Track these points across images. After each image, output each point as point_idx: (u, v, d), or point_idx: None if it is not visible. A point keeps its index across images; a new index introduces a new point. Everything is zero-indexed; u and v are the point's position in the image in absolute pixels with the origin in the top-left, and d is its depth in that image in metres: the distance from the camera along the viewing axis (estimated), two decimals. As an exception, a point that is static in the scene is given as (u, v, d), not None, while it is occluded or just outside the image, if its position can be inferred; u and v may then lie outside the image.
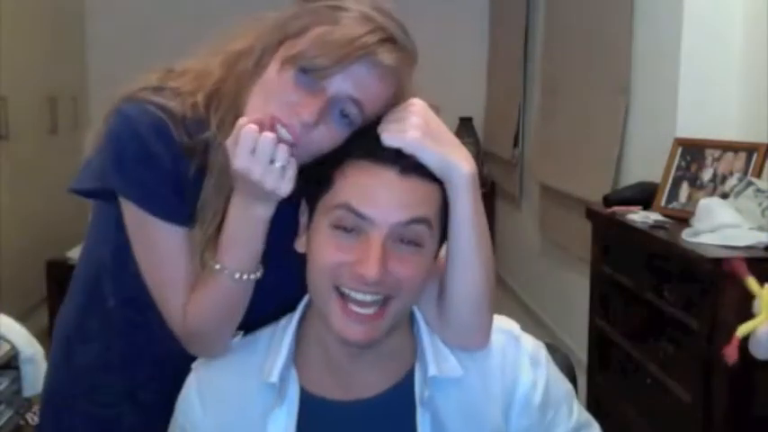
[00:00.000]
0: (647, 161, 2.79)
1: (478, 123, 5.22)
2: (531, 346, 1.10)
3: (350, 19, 0.96)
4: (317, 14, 0.97)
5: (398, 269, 0.94)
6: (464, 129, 5.13)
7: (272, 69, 0.97)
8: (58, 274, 3.46)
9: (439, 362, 1.03)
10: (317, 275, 0.97)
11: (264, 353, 1.04)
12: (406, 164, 0.94)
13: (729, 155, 2.35)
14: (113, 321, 1.18)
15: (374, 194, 0.93)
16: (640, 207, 2.46)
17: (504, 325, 1.11)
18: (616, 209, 2.48)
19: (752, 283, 1.38)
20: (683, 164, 2.47)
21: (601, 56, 3.24)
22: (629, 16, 2.96)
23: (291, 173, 0.93)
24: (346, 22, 0.96)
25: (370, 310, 0.95)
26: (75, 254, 3.53)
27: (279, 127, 0.94)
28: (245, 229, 0.99)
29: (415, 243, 0.96)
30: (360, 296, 0.94)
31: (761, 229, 2.02)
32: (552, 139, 3.89)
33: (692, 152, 2.46)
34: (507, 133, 4.69)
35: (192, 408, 1.05)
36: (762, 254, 1.94)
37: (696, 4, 2.55)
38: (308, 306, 1.07)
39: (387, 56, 0.96)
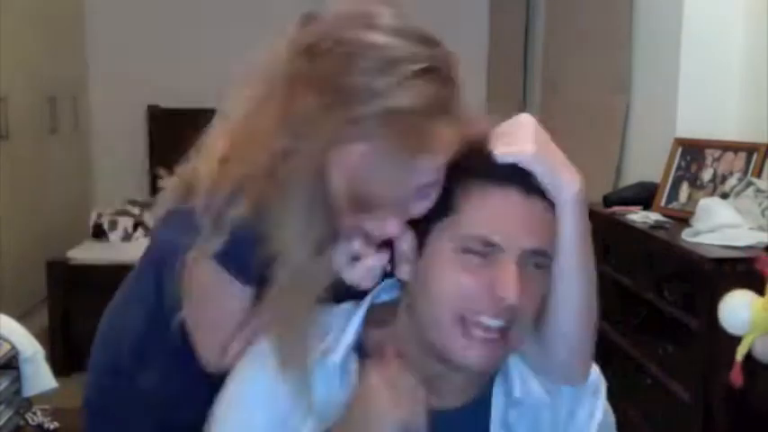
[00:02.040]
0: (647, 161, 2.79)
1: (478, 123, 5.22)
2: (595, 374, 1.08)
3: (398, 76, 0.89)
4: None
5: (528, 293, 0.90)
6: (464, 129, 5.13)
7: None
8: (58, 274, 3.45)
9: (526, 382, 0.99)
10: (439, 303, 0.91)
11: (324, 332, 0.98)
12: (529, 184, 0.90)
13: (729, 155, 2.35)
14: None
15: (503, 218, 0.89)
16: (640, 207, 2.46)
17: None
18: (616, 209, 2.48)
19: None
20: (683, 164, 2.47)
21: (600, 55, 3.24)
22: (629, 16, 2.96)
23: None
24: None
25: (494, 335, 0.90)
26: (75, 254, 3.53)
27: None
28: None
29: (541, 267, 0.92)
30: (491, 322, 0.89)
31: (761, 228, 2.02)
32: (552, 138, 3.88)
33: (692, 152, 2.46)
34: (507, 133, 4.68)
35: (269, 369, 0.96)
36: (762, 254, 1.94)
37: (696, 4, 2.55)
38: (371, 312, 1.01)
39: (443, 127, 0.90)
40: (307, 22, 0.95)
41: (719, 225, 2.04)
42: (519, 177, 0.89)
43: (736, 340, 1.39)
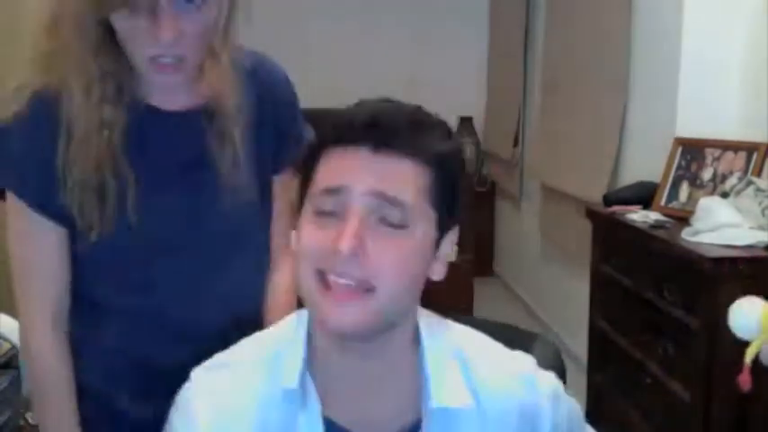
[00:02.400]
0: (646, 161, 2.79)
1: (478, 123, 5.22)
2: (548, 384, 1.02)
3: None
4: None
5: (379, 252, 0.87)
6: (464, 128, 5.13)
7: (115, 22, 1.03)
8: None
9: (443, 391, 0.94)
10: (302, 263, 0.91)
11: (275, 356, 0.96)
12: (378, 139, 0.89)
13: (729, 154, 2.35)
14: None
15: (347, 170, 0.89)
16: (640, 207, 2.46)
17: (516, 367, 1.02)
18: (616, 208, 2.48)
19: None
20: (683, 163, 2.47)
21: (600, 55, 3.24)
22: (629, 16, 2.96)
23: None
24: None
25: (349, 293, 0.88)
26: (75, 254, 3.53)
27: (158, 59, 1.05)
28: None
29: (399, 225, 0.88)
30: (339, 280, 0.87)
31: (761, 228, 2.02)
32: (552, 138, 3.89)
33: (692, 151, 2.46)
34: (507, 133, 4.69)
35: (197, 420, 0.94)
36: (762, 253, 1.94)
37: (696, 3, 2.55)
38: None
39: None
40: None
41: (719, 224, 2.04)
42: (369, 135, 0.89)
43: (736, 340, 1.39)
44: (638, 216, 2.34)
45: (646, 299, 2.23)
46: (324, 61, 4.94)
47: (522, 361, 1.03)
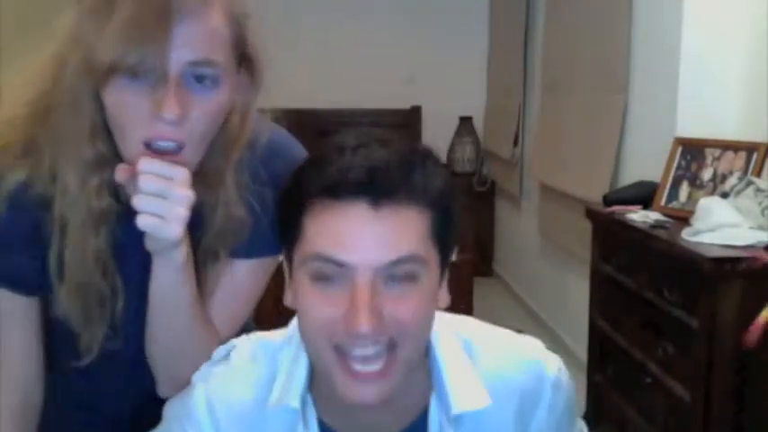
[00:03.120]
0: (646, 160, 2.79)
1: (478, 123, 5.22)
2: (554, 371, 1.00)
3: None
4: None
5: (396, 311, 0.83)
6: (464, 128, 5.13)
7: (110, 95, 0.90)
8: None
9: (461, 394, 0.93)
10: (312, 336, 0.86)
11: (274, 371, 0.95)
12: (376, 194, 0.82)
13: (729, 154, 2.35)
14: None
15: (345, 237, 0.82)
16: (640, 206, 2.45)
17: (522, 354, 1.00)
18: (616, 208, 2.48)
19: None
20: (683, 163, 2.46)
21: (600, 55, 3.24)
22: (629, 16, 2.96)
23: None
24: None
25: (376, 366, 0.84)
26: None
27: (154, 144, 0.90)
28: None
29: (410, 279, 0.84)
30: (360, 351, 0.83)
31: (761, 228, 2.02)
32: (552, 138, 3.89)
33: (692, 151, 2.45)
34: (507, 133, 4.69)
35: (200, 426, 0.94)
36: (762, 253, 1.94)
37: (696, 3, 2.55)
38: None
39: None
40: None
41: (719, 224, 2.03)
42: (364, 187, 0.82)
43: (736, 340, 1.39)
44: (638, 216, 2.34)
45: (646, 299, 2.23)
46: (324, 61, 4.95)
47: (529, 346, 1.01)
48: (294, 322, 0.96)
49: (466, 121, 5.14)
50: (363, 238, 0.82)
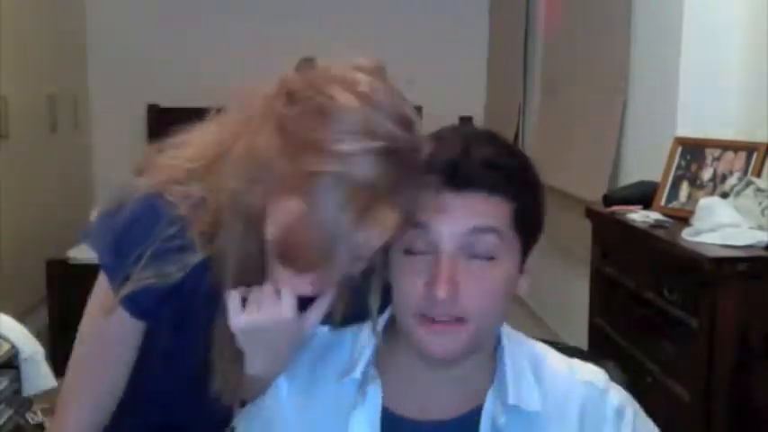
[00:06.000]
0: (646, 160, 2.79)
1: (478, 123, 5.22)
2: (618, 399, 1.03)
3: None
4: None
5: (472, 286, 0.93)
6: (464, 128, 5.13)
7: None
8: (58, 273, 3.44)
9: (520, 390, 0.99)
10: (401, 304, 0.97)
11: (350, 351, 1.04)
12: (460, 183, 0.93)
13: (729, 154, 2.35)
14: None
15: (433, 207, 0.92)
16: (640, 206, 2.45)
17: (587, 375, 1.04)
18: (616, 208, 2.48)
19: None
20: (683, 163, 2.46)
21: (600, 55, 3.24)
22: (628, 16, 2.96)
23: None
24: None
25: (448, 326, 0.94)
26: (75, 253, 3.52)
27: None
28: None
29: (488, 257, 0.94)
30: (441, 318, 0.94)
31: (761, 228, 2.02)
32: (552, 138, 3.89)
33: (692, 151, 2.45)
34: (507, 133, 4.68)
35: (278, 386, 1.03)
36: (762, 253, 1.94)
37: (696, 3, 2.55)
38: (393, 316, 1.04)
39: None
40: (302, 66, 1.01)
41: (719, 224, 2.03)
42: (450, 180, 0.93)
43: (736, 340, 1.39)
44: (638, 216, 2.34)
45: (646, 299, 2.23)
46: (323, 61, 4.94)
47: (594, 372, 1.06)
48: None
49: (466, 122, 5.14)
50: (449, 211, 0.92)
